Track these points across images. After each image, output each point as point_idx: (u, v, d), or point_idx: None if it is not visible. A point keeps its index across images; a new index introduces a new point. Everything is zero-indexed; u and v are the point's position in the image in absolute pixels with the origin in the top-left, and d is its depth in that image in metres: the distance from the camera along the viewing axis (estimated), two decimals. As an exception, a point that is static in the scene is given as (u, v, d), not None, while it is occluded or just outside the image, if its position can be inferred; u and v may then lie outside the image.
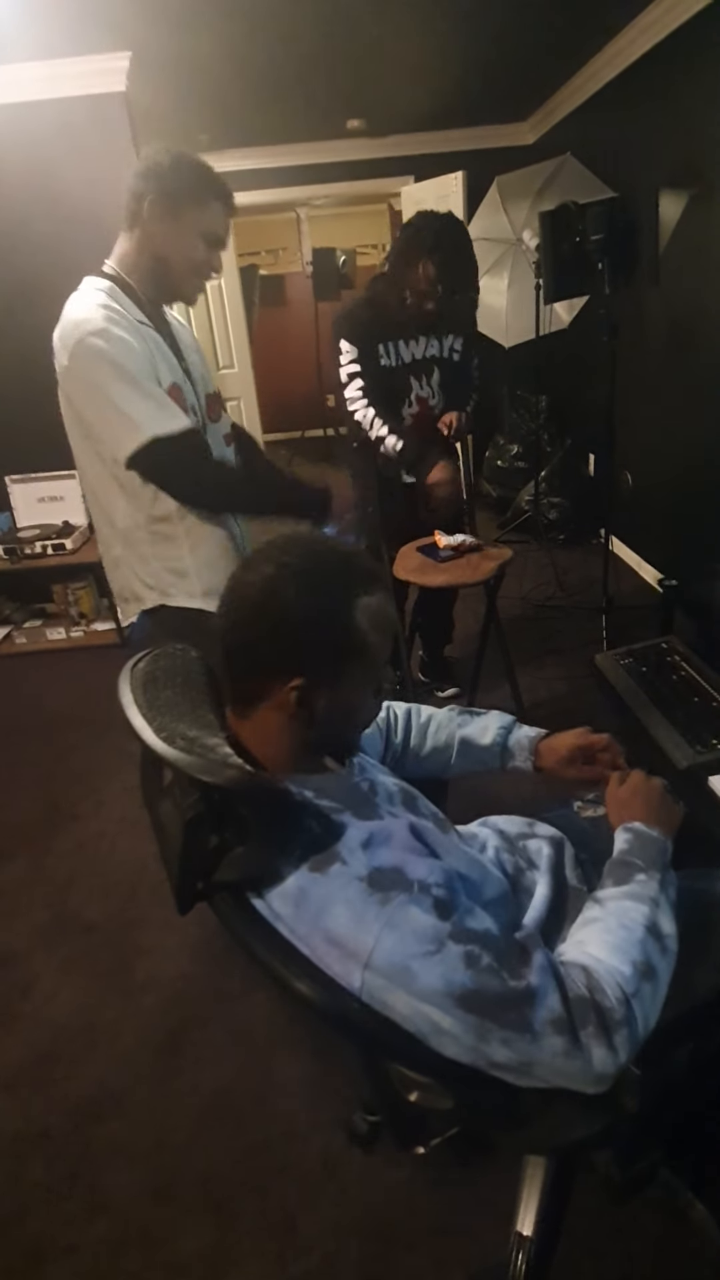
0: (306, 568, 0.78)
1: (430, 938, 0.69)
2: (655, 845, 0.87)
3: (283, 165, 4.80)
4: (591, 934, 0.78)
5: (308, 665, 0.77)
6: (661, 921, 0.78)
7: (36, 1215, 1.32)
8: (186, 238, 1.41)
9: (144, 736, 0.76)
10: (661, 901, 0.80)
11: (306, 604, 0.76)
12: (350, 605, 0.78)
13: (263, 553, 0.80)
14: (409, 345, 2.27)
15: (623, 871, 0.84)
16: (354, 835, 0.75)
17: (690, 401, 3.13)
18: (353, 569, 0.81)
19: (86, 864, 2.16)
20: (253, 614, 0.78)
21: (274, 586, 0.77)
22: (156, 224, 1.39)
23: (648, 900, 0.79)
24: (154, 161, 1.38)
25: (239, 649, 0.80)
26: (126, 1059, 1.58)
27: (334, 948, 0.71)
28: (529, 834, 1.06)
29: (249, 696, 0.81)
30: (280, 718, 0.80)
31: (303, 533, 0.83)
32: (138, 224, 1.40)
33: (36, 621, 3.66)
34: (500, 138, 4.65)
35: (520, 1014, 0.68)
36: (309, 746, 0.84)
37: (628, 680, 1.59)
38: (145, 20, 2.58)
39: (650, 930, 0.77)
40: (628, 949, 0.75)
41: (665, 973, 0.76)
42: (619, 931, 0.76)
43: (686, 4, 2.72)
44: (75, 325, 1.32)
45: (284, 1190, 1.32)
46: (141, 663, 0.89)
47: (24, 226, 3.19)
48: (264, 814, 0.74)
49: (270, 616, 0.77)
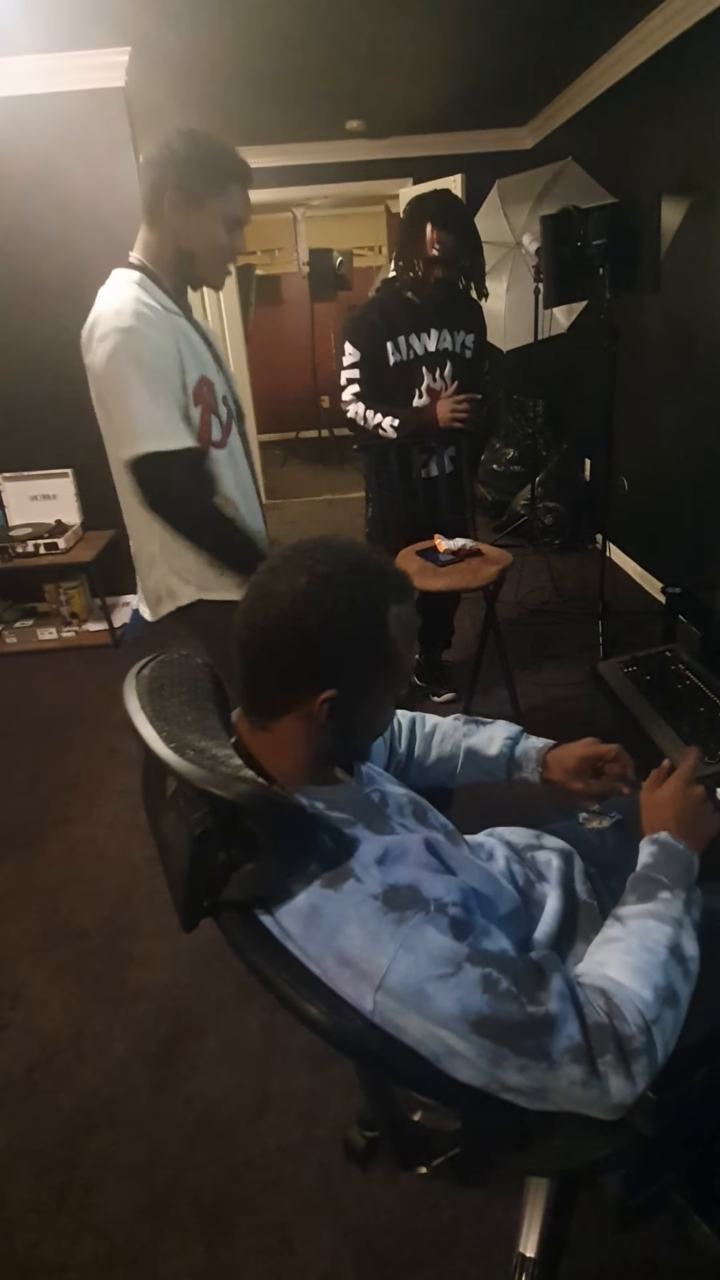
0: (343, 579, 0.74)
1: (447, 960, 0.66)
2: (681, 860, 0.83)
3: (281, 165, 4.78)
4: (612, 955, 0.76)
5: (341, 677, 0.75)
6: (685, 944, 0.76)
7: (25, 1233, 1.29)
8: (210, 227, 1.39)
9: (153, 747, 0.73)
10: (685, 922, 0.77)
11: (344, 616, 0.73)
12: (385, 616, 0.76)
13: (290, 560, 0.76)
14: (421, 338, 2.29)
15: (647, 887, 0.81)
16: (368, 851, 0.73)
17: (688, 409, 3.13)
18: (387, 578, 0.78)
19: (77, 869, 2.13)
20: (286, 625, 0.74)
21: (310, 597, 0.73)
22: (179, 218, 1.37)
23: (671, 920, 0.77)
24: (170, 150, 1.34)
25: (267, 660, 0.76)
26: (118, 1070, 1.55)
27: (346, 968, 0.68)
28: (537, 845, 1.04)
29: (273, 708, 0.78)
30: (303, 729, 0.77)
31: (328, 539, 0.79)
32: (159, 216, 1.38)
33: (27, 621, 3.61)
34: (499, 142, 4.66)
35: (538, 1042, 0.66)
36: (326, 757, 0.82)
37: (631, 688, 1.57)
38: (146, 16, 2.56)
39: (673, 953, 0.74)
40: (650, 973, 0.72)
41: (687, 997, 0.74)
42: (641, 954, 0.74)
43: (688, 12, 2.72)
44: (106, 320, 1.31)
45: (279, 1208, 1.29)
46: (147, 669, 0.85)
47: (22, 222, 3.16)
48: (276, 830, 0.71)
49: (306, 628, 0.73)
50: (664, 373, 3.30)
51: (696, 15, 2.69)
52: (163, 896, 1.99)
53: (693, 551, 3.16)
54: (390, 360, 2.28)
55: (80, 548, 3.42)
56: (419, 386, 2.33)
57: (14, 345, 3.35)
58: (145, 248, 1.42)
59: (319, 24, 2.75)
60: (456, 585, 2.22)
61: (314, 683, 0.74)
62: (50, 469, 3.48)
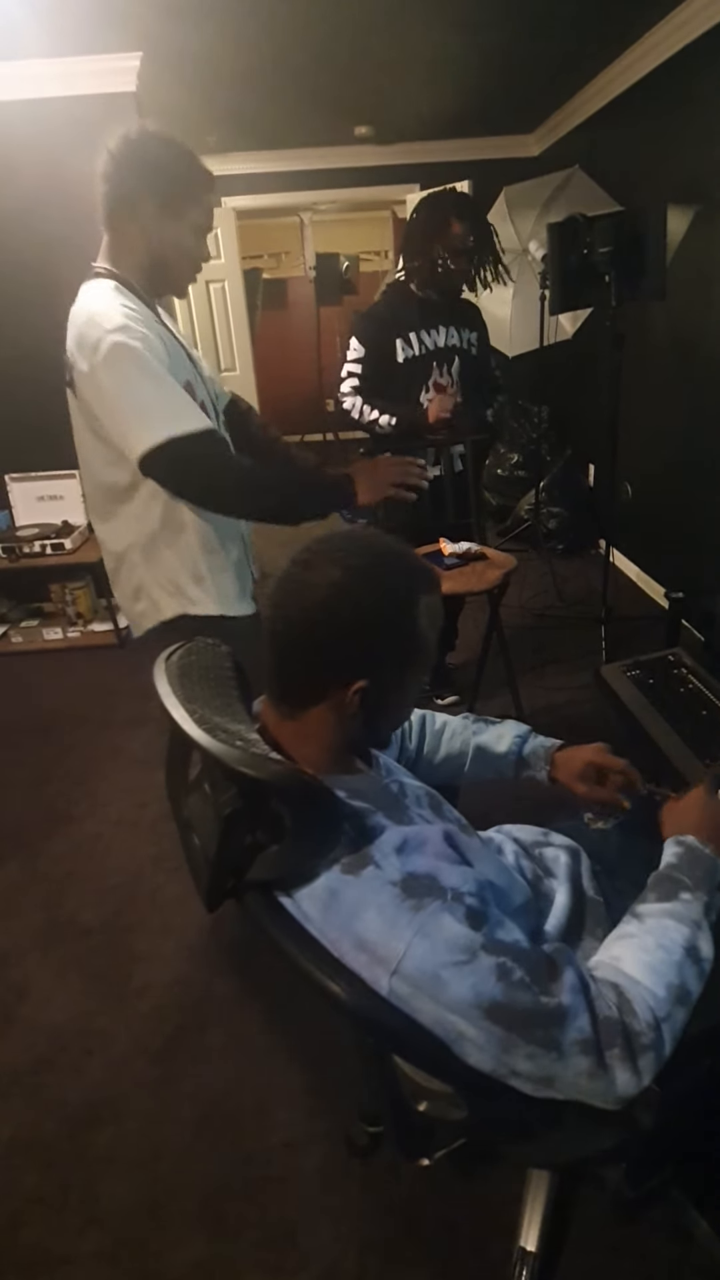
0: (377, 572, 0.77)
1: (462, 947, 0.68)
2: (706, 864, 0.84)
3: (289, 170, 4.81)
4: (627, 950, 0.77)
5: (373, 667, 0.77)
6: (702, 945, 0.77)
7: (30, 1226, 1.30)
8: (183, 235, 1.37)
9: (185, 728, 0.74)
10: (704, 924, 0.78)
11: (377, 608, 0.75)
12: (415, 606, 0.78)
13: (321, 553, 0.78)
14: (431, 334, 2.33)
15: (668, 886, 0.82)
16: (388, 839, 0.74)
17: (692, 415, 3.15)
18: (415, 570, 0.80)
19: (82, 866, 2.14)
20: (321, 617, 0.75)
21: (345, 590, 0.75)
22: (156, 228, 1.34)
23: (690, 921, 0.78)
24: (146, 158, 1.30)
25: (300, 652, 0.78)
26: (122, 1066, 1.56)
27: (363, 953, 0.70)
28: (544, 843, 1.05)
29: (305, 699, 0.79)
30: (333, 718, 0.79)
31: (357, 531, 0.81)
32: (131, 222, 1.34)
33: (33, 621, 3.63)
34: (506, 149, 4.68)
35: (548, 1032, 0.67)
36: (350, 746, 0.84)
37: (634, 692, 1.58)
38: (157, 21, 2.59)
39: (689, 953, 0.75)
40: (664, 971, 0.74)
41: (697, 993, 0.75)
42: (657, 952, 0.75)
43: (695, 22, 2.74)
44: (95, 325, 1.27)
45: (282, 1201, 1.30)
46: (175, 655, 0.88)
47: (33, 223, 3.18)
48: (306, 812, 0.72)
49: (340, 620, 0.75)
50: (668, 379, 3.32)
51: (704, 25, 2.71)
52: (166, 894, 2.01)
53: (695, 556, 3.18)
54: (400, 357, 2.32)
55: (86, 548, 3.44)
56: (426, 381, 2.37)
57: (22, 346, 3.37)
58: (114, 255, 1.37)
59: (328, 31, 2.77)
60: (461, 589, 2.23)
61: (347, 674, 0.76)
62: (57, 470, 3.50)
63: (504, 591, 2.37)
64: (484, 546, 2.39)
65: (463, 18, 2.73)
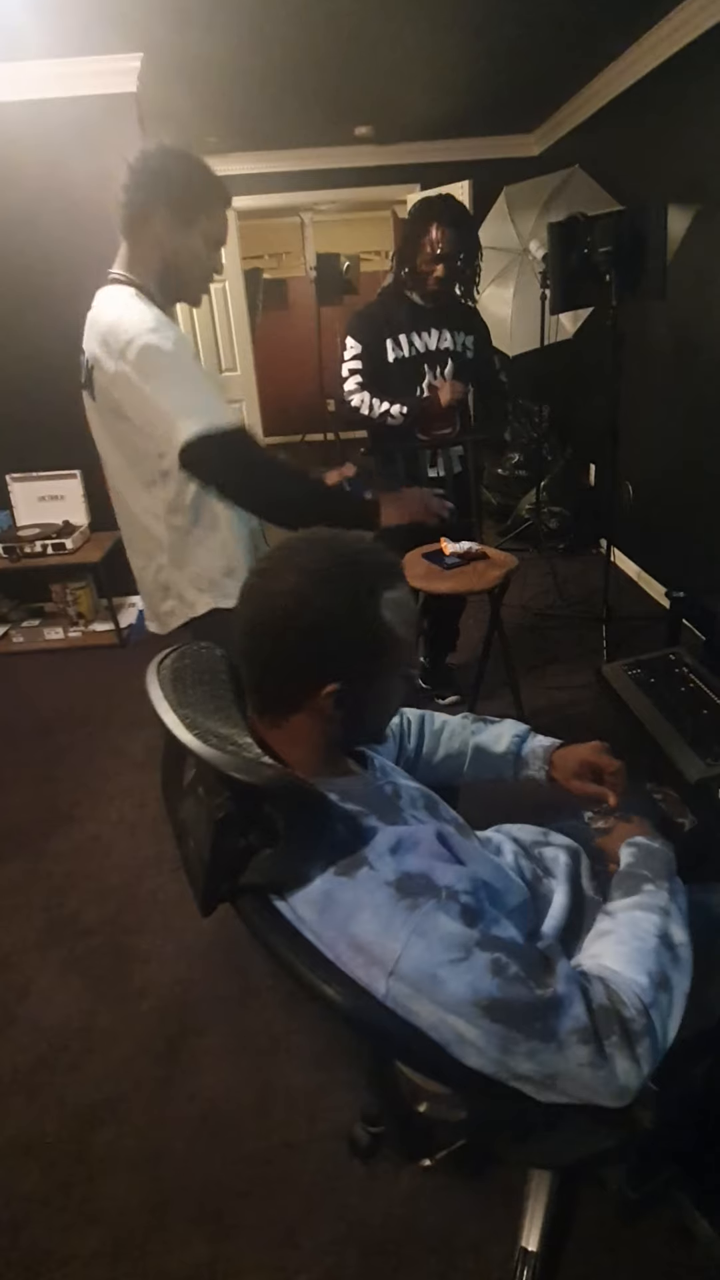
0: (329, 570, 0.76)
1: (458, 945, 0.68)
2: (660, 855, 0.87)
3: (289, 170, 4.81)
4: (605, 946, 0.78)
5: (341, 669, 0.76)
6: (673, 930, 0.78)
7: (31, 1226, 1.30)
8: (197, 246, 1.42)
9: (176, 733, 0.74)
10: (672, 910, 0.80)
11: (336, 610, 0.75)
12: (377, 602, 0.77)
13: (280, 559, 0.78)
14: (422, 336, 2.33)
15: (630, 883, 0.84)
16: (381, 840, 0.74)
17: (692, 414, 3.15)
18: (376, 565, 0.80)
19: (83, 866, 2.14)
20: (282, 624, 0.76)
21: (302, 594, 0.75)
22: (169, 236, 1.38)
23: (657, 910, 0.79)
24: (160, 170, 1.35)
25: (268, 660, 0.78)
26: (123, 1066, 1.56)
27: (359, 954, 0.70)
28: (544, 842, 1.05)
29: (280, 707, 0.80)
30: (313, 722, 0.79)
31: (314, 534, 0.81)
32: (146, 232, 1.38)
33: (34, 621, 3.63)
34: (506, 148, 4.68)
35: (546, 1024, 0.67)
36: (339, 746, 0.84)
37: (635, 691, 1.58)
38: (158, 22, 2.59)
39: (662, 939, 0.77)
40: (642, 960, 0.75)
41: (681, 982, 0.75)
42: (632, 942, 0.76)
43: (695, 22, 2.74)
44: (125, 326, 1.29)
45: (283, 1202, 1.30)
46: (168, 659, 0.87)
47: (34, 225, 3.18)
48: (296, 816, 0.72)
49: (300, 626, 0.75)
50: (669, 379, 3.32)
51: (704, 24, 2.71)
52: (167, 894, 2.01)
53: (696, 556, 3.17)
54: (390, 357, 2.33)
55: (87, 548, 3.44)
56: (420, 384, 2.37)
57: (23, 346, 3.37)
58: (130, 263, 1.41)
59: (329, 31, 2.77)
60: (462, 588, 2.23)
61: (317, 678, 0.76)
62: (58, 470, 3.51)
63: (505, 591, 2.37)
64: (485, 546, 2.39)
65: (463, 18, 2.73)
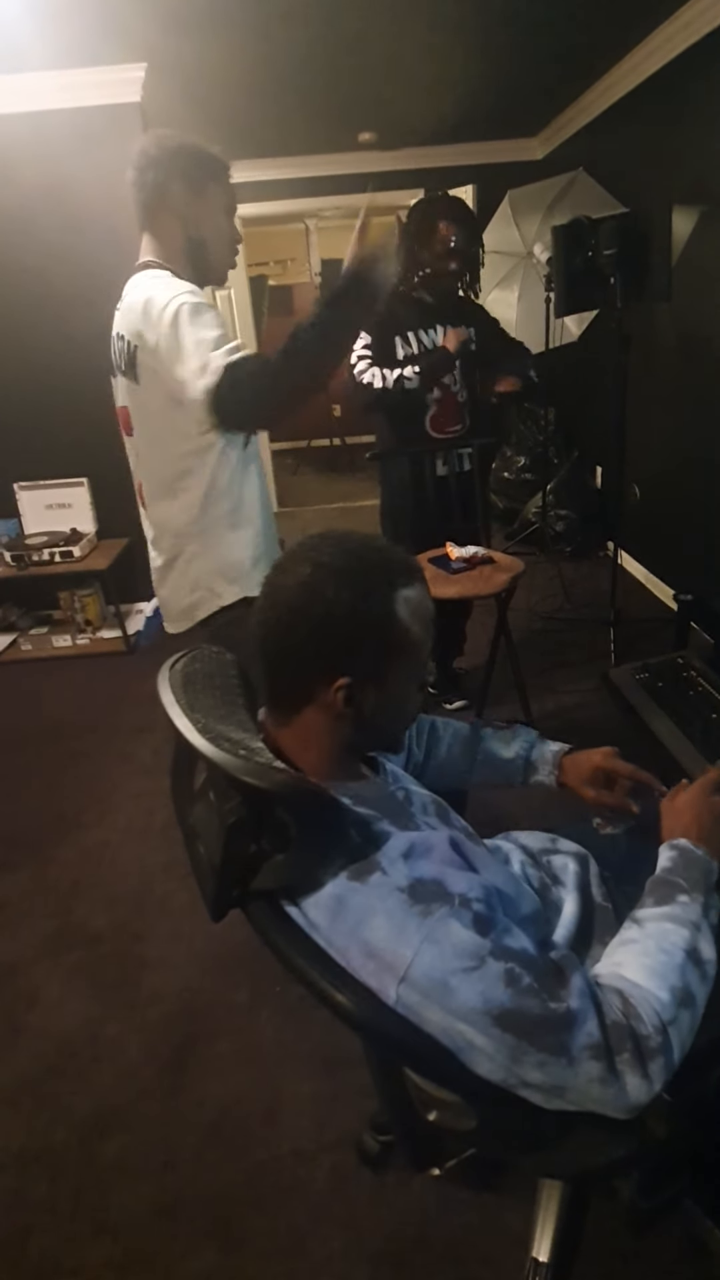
0: (344, 565, 0.76)
1: (471, 953, 0.67)
2: (701, 866, 0.84)
3: (293, 177, 4.82)
4: (629, 956, 0.76)
5: (353, 663, 0.76)
6: (702, 947, 0.76)
7: (39, 1234, 1.29)
8: (215, 213, 1.45)
9: (189, 737, 0.74)
10: (703, 926, 0.78)
11: (347, 601, 0.75)
12: (391, 598, 0.77)
13: (295, 554, 0.79)
14: (430, 334, 2.36)
15: (665, 890, 0.81)
16: (395, 845, 0.74)
17: (699, 416, 3.13)
18: (390, 562, 0.79)
19: (91, 873, 2.14)
20: (293, 616, 0.76)
21: (313, 586, 0.75)
22: (188, 207, 1.41)
23: (689, 924, 0.77)
24: (161, 149, 1.38)
25: (280, 653, 0.78)
26: (131, 1074, 1.56)
27: (370, 960, 0.69)
28: (553, 850, 1.04)
29: (292, 701, 0.80)
30: (325, 720, 0.79)
31: (333, 531, 0.81)
32: (164, 213, 1.41)
33: (42, 628, 3.65)
34: (510, 152, 4.68)
35: (558, 1038, 0.66)
36: (352, 749, 0.83)
37: (643, 695, 1.57)
38: (161, 32, 2.60)
39: (690, 955, 0.75)
40: (666, 974, 0.73)
41: (704, 1000, 0.74)
42: (658, 955, 0.74)
43: (699, 24, 2.74)
44: (163, 294, 1.31)
45: (292, 1211, 1.30)
46: (179, 664, 0.87)
47: (38, 235, 3.21)
48: (309, 820, 0.72)
49: (311, 617, 0.75)
50: (675, 381, 3.31)
51: (707, 26, 2.70)
52: (176, 901, 2.01)
53: (704, 558, 3.16)
54: (399, 355, 2.35)
55: (95, 555, 3.45)
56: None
57: (29, 356, 3.40)
58: (155, 250, 1.44)
59: (331, 39, 2.78)
60: (468, 592, 2.23)
61: (327, 671, 0.76)
62: (66, 478, 3.52)
63: (511, 595, 2.36)
64: (491, 550, 2.39)
65: (465, 22, 2.74)
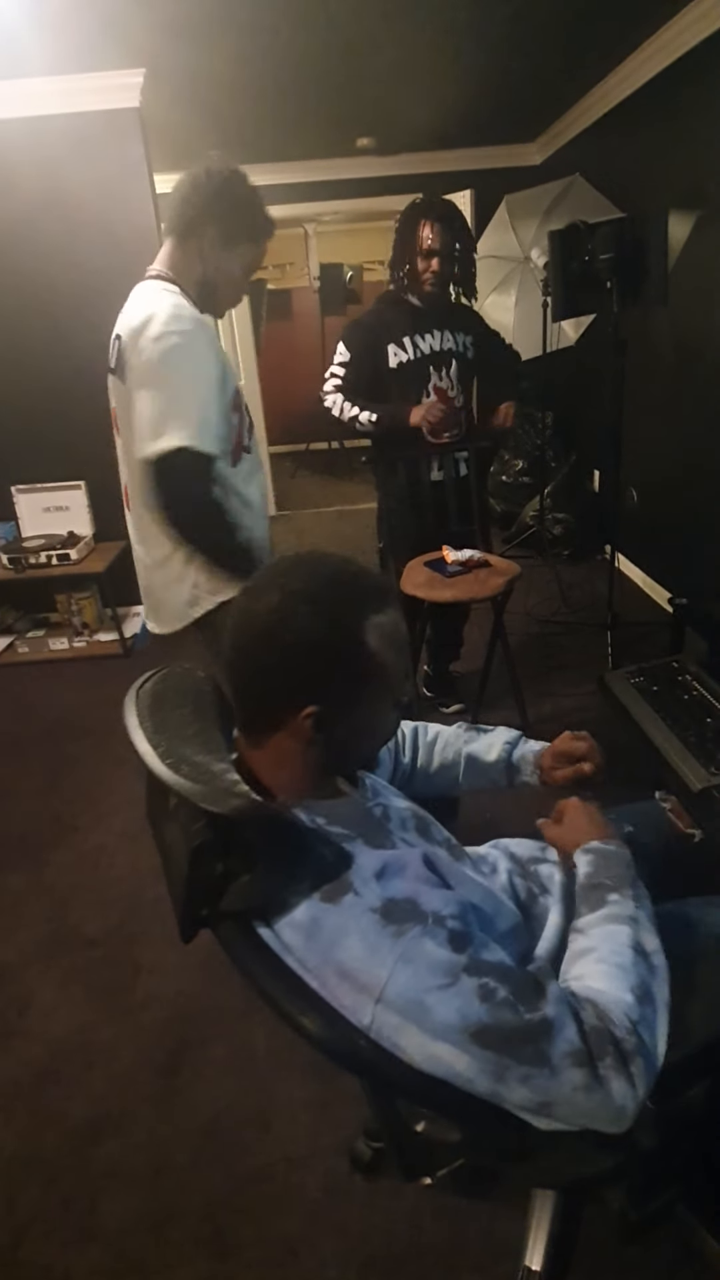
0: (314, 592, 0.75)
1: (445, 971, 0.67)
2: (618, 859, 0.85)
3: (292, 182, 4.83)
4: (586, 966, 0.76)
5: (321, 691, 0.75)
6: (645, 939, 0.77)
7: (31, 1241, 1.29)
8: (234, 268, 1.51)
9: (148, 762, 0.74)
10: (640, 917, 0.78)
11: (316, 629, 0.74)
12: (361, 626, 0.76)
13: (266, 579, 0.78)
14: (425, 338, 2.34)
15: (595, 895, 0.82)
16: (367, 864, 0.73)
17: (696, 420, 3.14)
18: (361, 588, 0.78)
19: (86, 878, 2.14)
20: (262, 643, 0.75)
21: (282, 613, 0.74)
22: (213, 253, 1.47)
23: (626, 920, 0.78)
24: (219, 191, 1.43)
25: (250, 679, 0.78)
26: (125, 1079, 1.55)
27: (345, 981, 0.69)
28: (541, 858, 1.04)
29: (262, 726, 0.79)
30: (294, 744, 0.78)
31: (305, 555, 0.81)
32: (192, 243, 1.46)
33: (39, 631, 3.64)
34: (508, 158, 4.70)
35: (537, 1048, 0.66)
36: (324, 770, 0.82)
37: (638, 699, 1.57)
38: (160, 38, 2.61)
39: (636, 950, 0.75)
40: (622, 975, 0.73)
41: (660, 991, 0.74)
42: (611, 959, 0.75)
43: (696, 29, 2.75)
44: (163, 320, 1.35)
45: (285, 1219, 1.29)
46: (149, 683, 0.87)
47: (37, 240, 3.21)
48: (272, 842, 0.71)
49: (280, 644, 0.74)
50: (672, 385, 3.31)
51: (703, 32, 2.71)
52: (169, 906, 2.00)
53: (701, 562, 3.16)
54: (392, 362, 2.32)
55: (92, 558, 3.45)
56: (426, 385, 2.37)
57: (27, 360, 3.40)
58: (172, 263, 1.49)
59: (329, 44, 2.79)
60: (464, 596, 2.23)
61: (296, 699, 0.75)
62: (63, 481, 3.53)
63: (508, 598, 2.36)
64: (488, 553, 2.39)
65: (462, 27, 2.75)
